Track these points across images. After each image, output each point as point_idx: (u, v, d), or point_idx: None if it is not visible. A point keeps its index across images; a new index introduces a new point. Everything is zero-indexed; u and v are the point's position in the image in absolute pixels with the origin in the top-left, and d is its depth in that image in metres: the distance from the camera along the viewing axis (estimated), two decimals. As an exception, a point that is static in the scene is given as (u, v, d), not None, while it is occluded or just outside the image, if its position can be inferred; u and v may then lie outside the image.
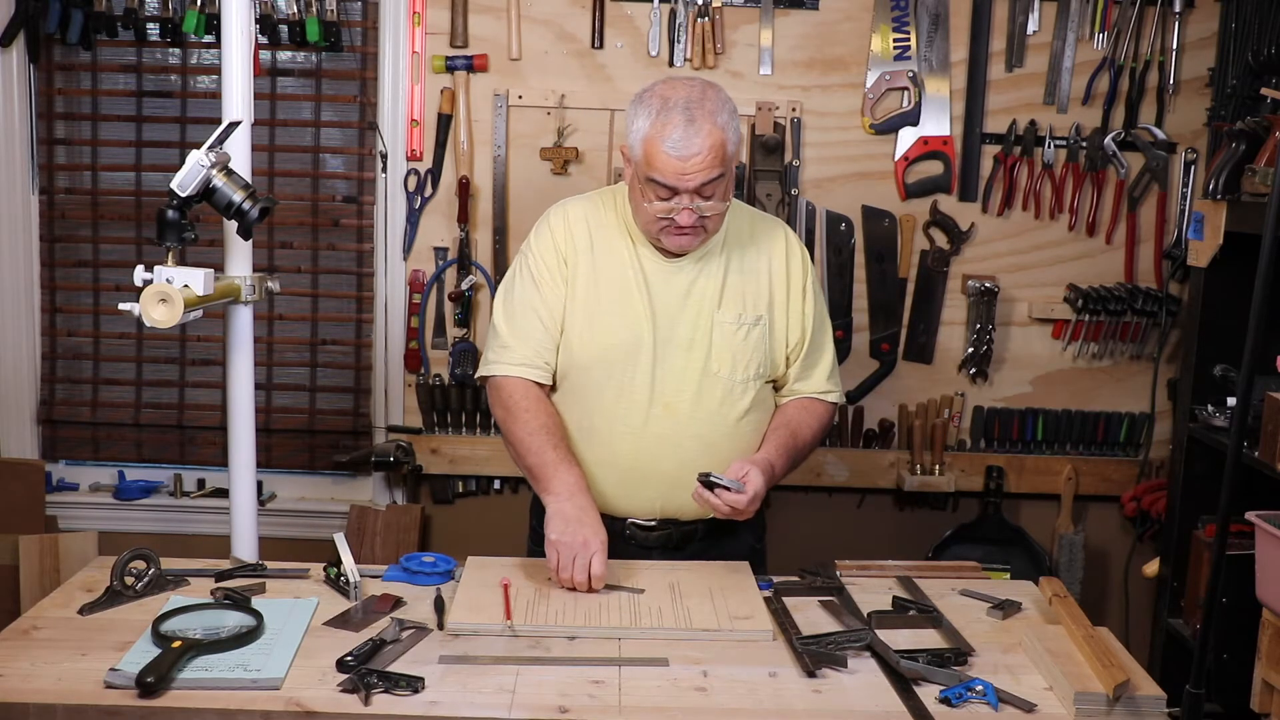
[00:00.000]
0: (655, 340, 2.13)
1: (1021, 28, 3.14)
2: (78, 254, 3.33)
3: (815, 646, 1.77)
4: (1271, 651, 2.07)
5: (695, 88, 2.05)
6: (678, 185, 2.01)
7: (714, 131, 2.00)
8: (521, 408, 2.14)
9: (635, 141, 2.06)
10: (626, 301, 2.14)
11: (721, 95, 2.06)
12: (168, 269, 2.03)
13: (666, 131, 1.99)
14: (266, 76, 3.22)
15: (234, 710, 1.58)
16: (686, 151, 1.99)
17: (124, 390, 3.38)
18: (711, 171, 2.01)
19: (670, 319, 2.14)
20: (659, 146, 2.00)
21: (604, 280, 2.15)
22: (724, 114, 2.03)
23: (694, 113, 2.00)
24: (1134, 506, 3.20)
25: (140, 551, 1.96)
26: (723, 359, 2.14)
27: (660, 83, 2.08)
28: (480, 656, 1.74)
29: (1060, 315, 3.22)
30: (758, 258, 2.20)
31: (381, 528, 3.25)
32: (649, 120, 2.02)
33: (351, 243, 3.30)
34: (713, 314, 2.15)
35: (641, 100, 2.07)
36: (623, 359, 2.13)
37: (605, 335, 2.14)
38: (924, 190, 3.20)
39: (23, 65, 3.20)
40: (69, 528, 3.27)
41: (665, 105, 2.01)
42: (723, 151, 2.01)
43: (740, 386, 2.15)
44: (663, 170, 2.01)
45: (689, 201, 2.02)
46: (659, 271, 2.15)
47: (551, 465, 2.09)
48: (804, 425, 2.22)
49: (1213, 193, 2.64)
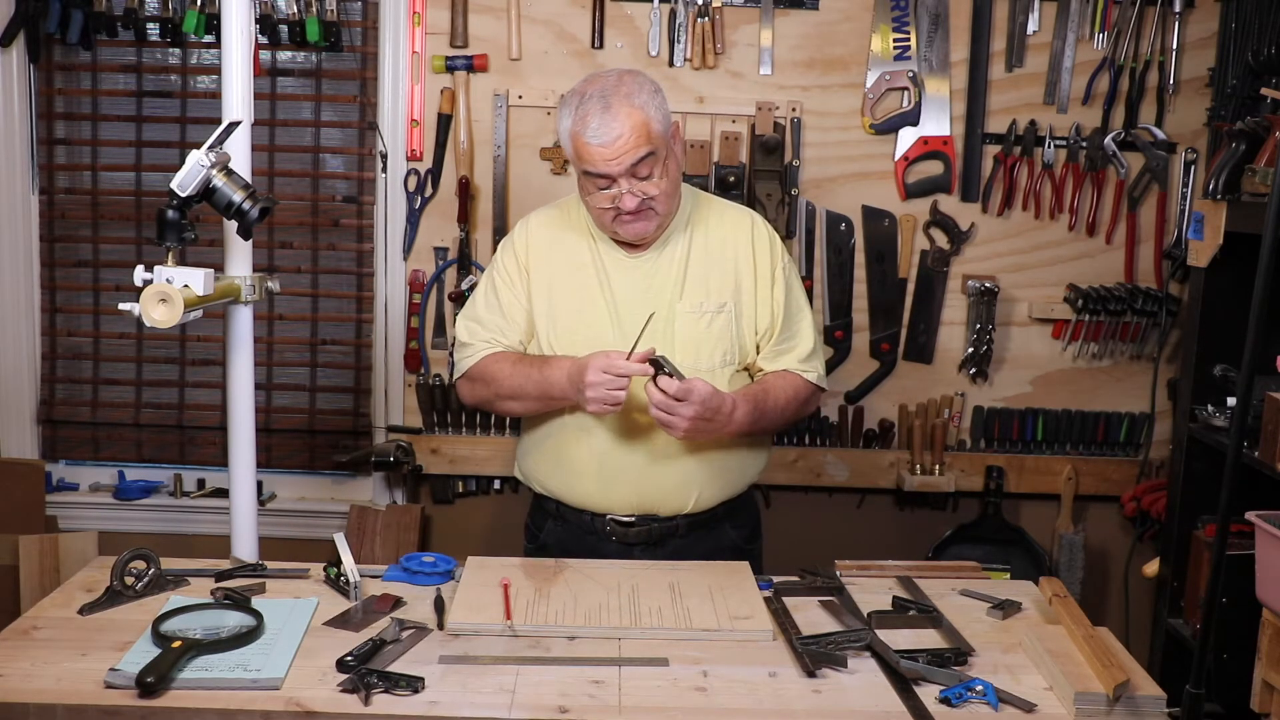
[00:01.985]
0: (617, 335, 2.15)
1: (1021, 28, 3.13)
2: (78, 254, 3.33)
3: (815, 646, 1.77)
4: (1271, 651, 2.07)
5: (611, 77, 2.09)
6: (609, 171, 2.05)
7: (632, 112, 2.03)
8: (493, 370, 2.20)
9: (564, 140, 2.11)
10: (586, 299, 2.19)
11: (640, 79, 2.10)
12: (168, 269, 2.02)
13: (586, 122, 2.04)
14: (266, 76, 3.22)
15: (234, 710, 1.58)
16: (607, 136, 2.03)
17: (124, 390, 3.38)
18: (638, 150, 2.04)
19: (631, 312, 2.16)
20: (582, 139, 2.05)
21: (563, 282, 2.20)
22: (642, 95, 2.06)
23: (609, 99, 2.04)
24: (1134, 506, 3.20)
25: (140, 551, 1.96)
26: (686, 349, 2.16)
27: (582, 79, 2.13)
28: (480, 656, 1.74)
29: (1060, 315, 3.22)
30: (723, 246, 2.22)
31: (381, 528, 3.25)
32: (570, 115, 2.07)
33: (351, 243, 3.30)
34: (673, 304, 2.17)
35: (564, 99, 2.12)
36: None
37: (567, 335, 2.18)
38: (924, 190, 3.20)
39: (23, 65, 3.20)
40: (69, 528, 3.27)
41: (582, 98, 2.06)
42: (646, 130, 2.04)
43: (707, 375, 2.14)
44: (591, 160, 2.05)
45: (627, 185, 2.06)
46: (619, 266, 2.20)
47: (540, 374, 2.14)
48: (777, 389, 2.23)
49: (1213, 193, 2.64)
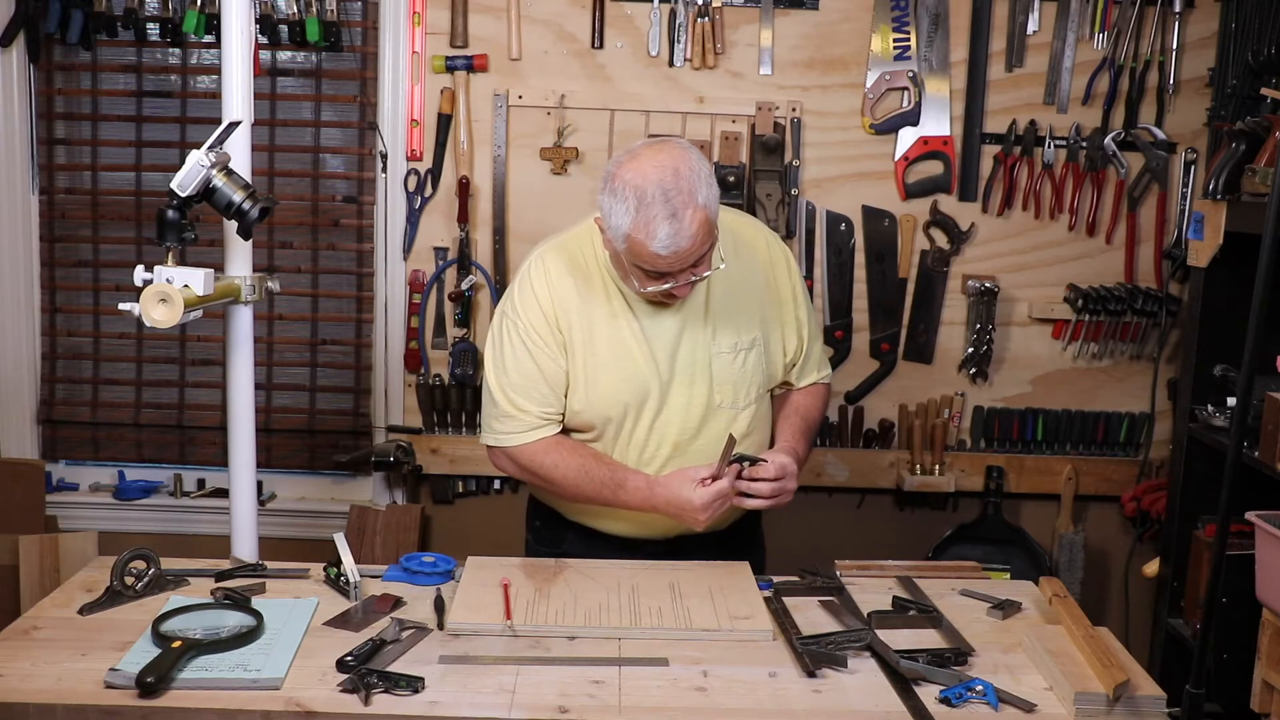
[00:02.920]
0: (659, 384, 2.08)
1: (1021, 28, 3.13)
2: (78, 254, 3.33)
3: (815, 646, 1.77)
4: (1271, 651, 2.07)
5: (666, 169, 1.89)
6: (671, 270, 1.93)
7: (698, 213, 1.88)
8: (551, 465, 2.09)
9: (616, 236, 1.93)
10: (626, 356, 2.07)
11: (691, 161, 1.91)
12: (168, 269, 2.03)
13: (651, 229, 1.87)
14: (266, 76, 3.22)
15: (234, 710, 1.58)
16: (678, 246, 1.88)
17: (124, 390, 3.38)
18: (702, 249, 1.92)
19: (669, 358, 2.08)
20: (647, 247, 1.89)
21: (599, 338, 2.07)
22: (702, 189, 1.90)
23: (673, 202, 1.87)
24: (1134, 506, 3.20)
25: (140, 551, 1.96)
26: (724, 390, 2.11)
27: (627, 166, 1.92)
28: (480, 656, 1.74)
29: (1060, 315, 3.22)
30: (743, 277, 2.12)
31: (381, 528, 3.25)
32: (629, 218, 1.89)
33: (351, 243, 3.30)
34: (709, 345, 2.09)
35: (614, 192, 1.92)
36: (630, 412, 2.09)
37: (609, 395, 2.07)
38: (924, 190, 3.20)
39: (23, 65, 3.20)
40: (69, 528, 3.27)
41: (642, 200, 1.87)
42: (709, 227, 1.91)
43: (745, 412, 2.13)
44: (654, 263, 1.91)
45: (685, 279, 1.95)
46: (649, 313, 2.08)
47: (614, 497, 2.07)
48: (812, 409, 2.24)
49: (1213, 193, 2.64)
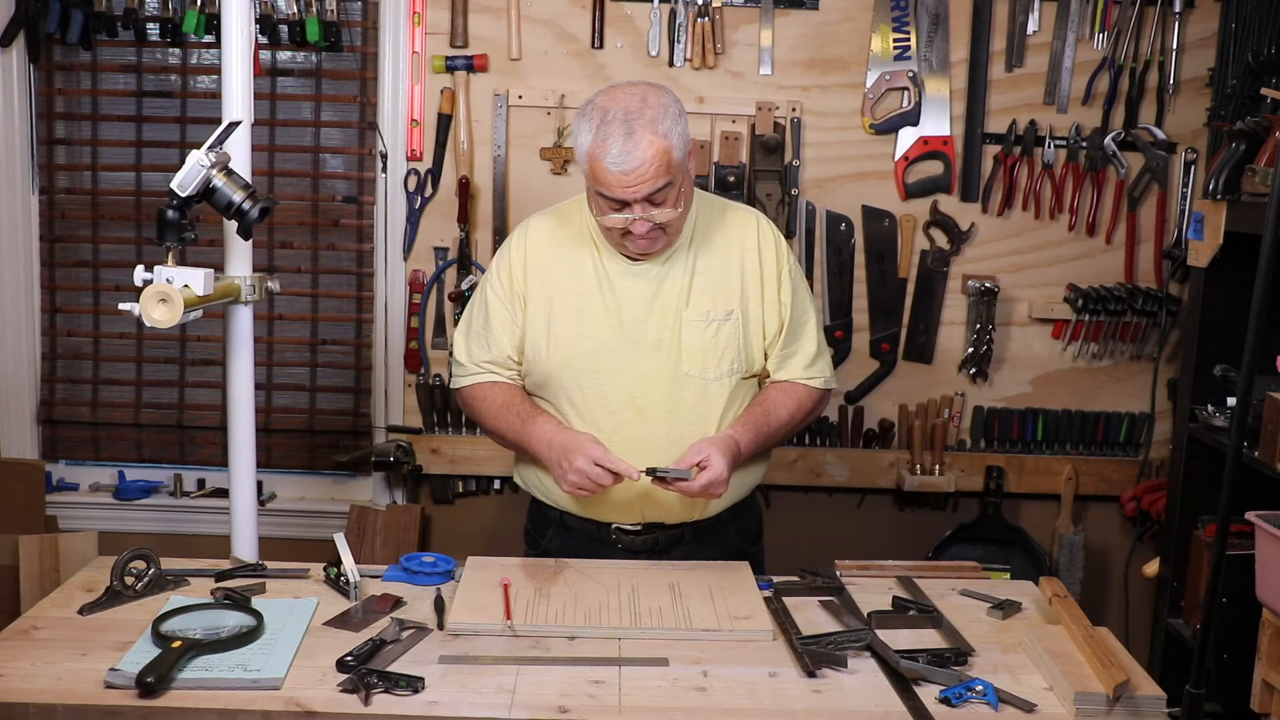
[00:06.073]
0: (621, 344, 2.12)
1: (1021, 28, 3.13)
2: (78, 254, 3.33)
3: (815, 646, 1.77)
4: (1271, 651, 2.07)
5: (635, 95, 1.99)
6: (625, 197, 1.98)
7: (655, 141, 1.95)
8: (481, 398, 2.22)
9: (580, 156, 2.03)
10: (585, 309, 2.13)
11: (664, 100, 2.01)
12: (168, 269, 2.03)
13: (606, 146, 1.95)
14: (266, 76, 3.22)
15: (234, 710, 1.58)
16: (628, 165, 1.95)
17: (124, 390, 3.38)
18: (657, 181, 1.97)
19: (637, 322, 2.13)
20: (601, 162, 1.97)
21: (561, 291, 2.15)
22: (666, 120, 1.97)
23: (633, 124, 1.95)
24: (1134, 506, 3.20)
25: (140, 551, 1.96)
26: (693, 358, 2.13)
27: (602, 92, 2.04)
28: (480, 656, 1.74)
29: (1060, 315, 3.22)
30: (728, 252, 2.17)
31: (381, 528, 3.25)
32: (590, 134, 1.99)
33: (351, 243, 3.30)
34: (680, 313, 2.13)
35: (583, 113, 2.03)
36: (586, 366, 2.12)
37: (565, 345, 2.14)
38: (924, 190, 3.20)
39: (23, 65, 3.20)
40: (69, 528, 3.26)
41: (604, 118, 1.97)
42: (666, 159, 1.97)
43: (715, 384, 2.13)
44: (608, 184, 1.98)
45: (641, 211, 2.00)
46: (625, 275, 2.14)
47: (522, 428, 2.14)
48: (779, 405, 2.20)
49: (1213, 193, 2.64)
